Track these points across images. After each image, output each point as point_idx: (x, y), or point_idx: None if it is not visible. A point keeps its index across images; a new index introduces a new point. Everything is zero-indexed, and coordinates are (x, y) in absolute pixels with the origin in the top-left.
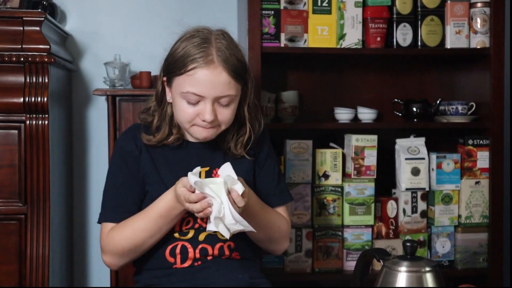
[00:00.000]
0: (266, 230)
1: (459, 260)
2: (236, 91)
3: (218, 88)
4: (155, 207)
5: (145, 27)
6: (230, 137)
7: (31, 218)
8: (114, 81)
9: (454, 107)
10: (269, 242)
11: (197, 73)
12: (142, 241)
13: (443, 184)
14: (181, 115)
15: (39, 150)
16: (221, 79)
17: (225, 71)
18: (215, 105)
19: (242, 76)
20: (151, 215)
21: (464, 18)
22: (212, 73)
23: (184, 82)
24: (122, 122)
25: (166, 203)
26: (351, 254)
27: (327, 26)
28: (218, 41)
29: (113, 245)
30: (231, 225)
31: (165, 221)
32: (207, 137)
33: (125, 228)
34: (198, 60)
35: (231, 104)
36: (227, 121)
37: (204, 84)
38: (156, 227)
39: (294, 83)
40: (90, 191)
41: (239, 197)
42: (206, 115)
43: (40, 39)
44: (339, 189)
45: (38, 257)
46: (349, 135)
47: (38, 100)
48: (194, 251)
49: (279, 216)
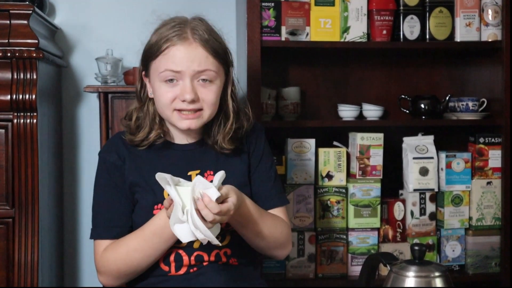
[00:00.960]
0: (268, 238)
1: (470, 265)
2: (216, 68)
3: (195, 61)
4: (148, 225)
5: (139, 20)
6: (216, 130)
7: (19, 222)
8: (106, 77)
9: (464, 104)
10: (271, 249)
11: (171, 50)
12: (136, 262)
13: (453, 184)
14: (161, 100)
15: (27, 150)
16: (197, 53)
17: (201, 47)
18: (195, 83)
19: (222, 56)
20: (144, 234)
21: (475, 10)
22: (187, 48)
23: (160, 63)
24: (115, 120)
25: (161, 220)
26: (356, 258)
27: (330, 19)
28: (194, 22)
29: (108, 266)
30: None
31: (159, 240)
32: (190, 126)
33: (119, 248)
34: (172, 38)
35: (212, 84)
36: (211, 105)
37: (180, 59)
38: (150, 247)
39: (295, 79)
40: (81, 193)
41: (212, 203)
42: (186, 93)
43: (28, 33)
44: (343, 190)
45: (26, 263)
46: (354, 134)
47: (26, 97)
48: (189, 259)
49: (279, 221)
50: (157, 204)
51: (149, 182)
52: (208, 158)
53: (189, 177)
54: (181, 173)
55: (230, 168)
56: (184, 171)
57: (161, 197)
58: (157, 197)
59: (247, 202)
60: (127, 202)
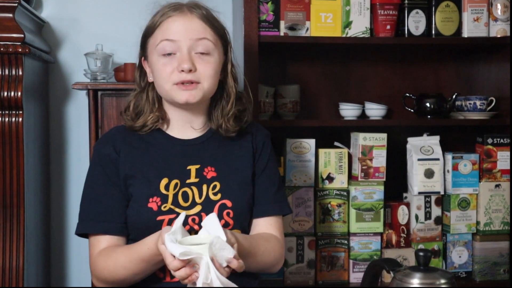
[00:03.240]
0: (260, 265)
1: (478, 272)
2: (214, 39)
3: (192, 30)
4: (137, 249)
5: (130, 13)
6: (219, 112)
7: (3, 225)
8: (95, 73)
9: (471, 103)
10: (264, 269)
11: (167, 22)
12: (123, 277)
13: (460, 187)
14: (160, 74)
15: (12, 150)
16: (193, 23)
17: (197, 17)
18: (193, 55)
19: (219, 30)
20: (133, 256)
21: (483, 4)
22: (183, 19)
23: (156, 37)
24: (105, 119)
25: (149, 249)
26: (358, 265)
27: (332, 13)
28: (191, 3)
29: (97, 271)
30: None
31: (147, 265)
32: (189, 99)
33: (108, 259)
34: (168, 12)
35: (210, 55)
36: (209, 77)
37: (176, 28)
38: (138, 269)
39: (295, 76)
40: (69, 195)
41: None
42: (183, 63)
43: (13, 27)
44: (345, 193)
45: (11, 269)
46: (356, 134)
47: (12, 94)
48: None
49: (272, 244)
50: (152, 196)
51: (145, 174)
52: (208, 154)
53: (188, 171)
54: (180, 167)
55: (231, 165)
56: (183, 165)
57: (157, 189)
58: (152, 189)
59: (241, 240)
60: (120, 196)
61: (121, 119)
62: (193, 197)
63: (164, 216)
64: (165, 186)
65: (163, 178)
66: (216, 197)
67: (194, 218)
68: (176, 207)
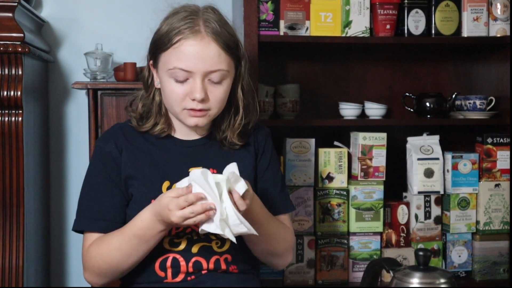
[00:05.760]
0: (271, 242)
1: (477, 271)
2: (228, 66)
3: (207, 61)
4: (130, 225)
5: (129, 13)
6: (226, 125)
7: (3, 225)
8: (95, 73)
9: (471, 102)
10: (272, 256)
11: (183, 45)
12: (116, 261)
13: (460, 187)
14: (171, 97)
15: (12, 150)
16: (210, 50)
17: (214, 42)
18: (206, 82)
19: (234, 50)
20: (125, 233)
21: (483, 4)
22: (199, 44)
23: (170, 58)
24: (104, 118)
25: (142, 221)
26: (357, 264)
27: (331, 13)
28: (206, 13)
29: (90, 261)
30: (234, 227)
31: (139, 242)
32: (198, 123)
33: (101, 244)
34: (184, 31)
35: (223, 82)
36: (219, 103)
37: (192, 57)
38: (130, 247)
39: (294, 75)
40: (69, 195)
41: (240, 200)
42: (196, 92)
43: (13, 26)
44: (345, 193)
45: (11, 269)
46: (356, 133)
47: (11, 94)
48: (186, 265)
49: (284, 226)
50: (154, 198)
51: (147, 176)
52: (211, 156)
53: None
54: (182, 169)
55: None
56: (185, 167)
57: (158, 192)
58: (154, 192)
59: (257, 199)
60: (120, 195)
61: (121, 119)
62: None
63: None
64: (167, 189)
65: (165, 180)
66: None
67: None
68: None
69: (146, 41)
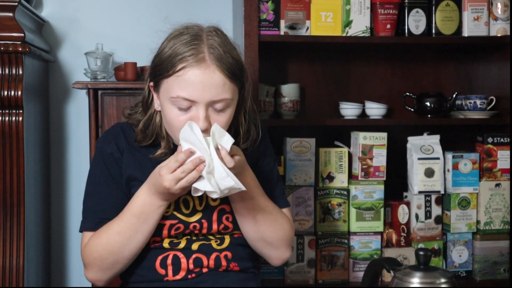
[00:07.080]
0: (265, 224)
1: (478, 271)
2: (232, 94)
3: (212, 90)
4: (128, 206)
5: (130, 12)
6: None
7: (3, 225)
8: (95, 73)
9: (472, 102)
10: (267, 244)
11: (187, 74)
12: (118, 245)
13: (460, 186)
14: (173, 124)
15: (12, 149)
16: (214, 80)
17: (218, 70)
18: (209, 110)
19: (239, 76)
20: (124, 215)
21: (483, 3)
22: (204, 73)
23: (173, 85)
24: (105, 118)
25: (138, 198)
26: (358, 264)
27: (332, 12)
28: (210, 38)
29: (90, 254)
30: (221, 180)
31: (138, 221)
32: None
33: (100, 233)
34: (188, 58)
35: (227, 110)
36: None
37: (196, 86)
38: (130, 229)
39: (295, 75)
40: (70, 194)
41: (228, 156)
42: (199, 122)
43: (13, 26)
44: (345, 192)
45: (11, 269)
46: (356, 133)
47: (12, 94)
48: (187, 262)
49: (281, 213)
50: None
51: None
52: None
53: None
54: None
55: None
56: None
57: None
58: None
59: (250, 171)
60: (122, 195)
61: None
62: (193, 205)
63: (166, 221)
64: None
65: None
66: (215, 203)
67: (195, 225)
68: (178, 213)
69: (146, 41)
